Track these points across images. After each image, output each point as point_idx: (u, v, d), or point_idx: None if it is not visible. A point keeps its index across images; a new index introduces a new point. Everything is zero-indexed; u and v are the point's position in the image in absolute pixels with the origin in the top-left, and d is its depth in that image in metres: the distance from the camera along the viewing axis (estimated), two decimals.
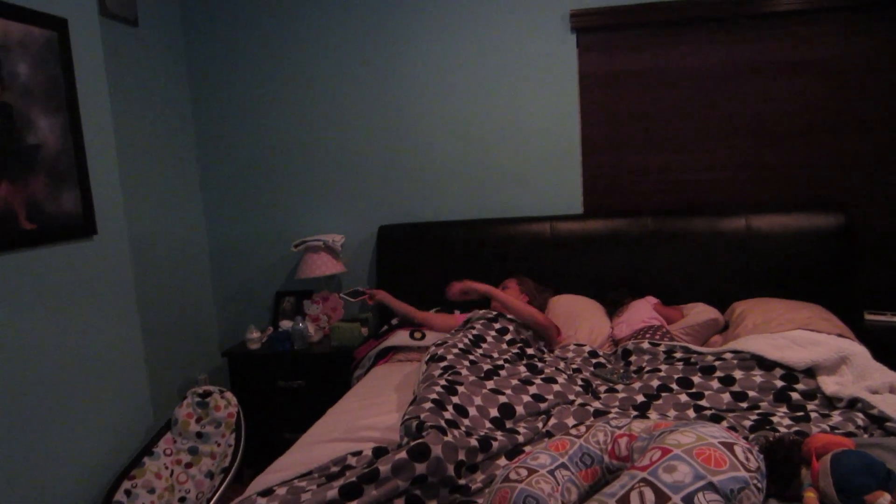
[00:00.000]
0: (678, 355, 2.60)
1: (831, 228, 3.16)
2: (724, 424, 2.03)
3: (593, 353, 2.89)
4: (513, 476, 1.59)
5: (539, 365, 2.65)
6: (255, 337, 3.59)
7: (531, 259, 3.48)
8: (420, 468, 1.75)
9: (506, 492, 1.54)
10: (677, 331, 2.99)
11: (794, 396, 2.21)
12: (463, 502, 1.76)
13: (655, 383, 2.41)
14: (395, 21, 3.67)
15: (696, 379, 2.39)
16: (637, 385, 2.45)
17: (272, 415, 3.52)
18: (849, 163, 3.30)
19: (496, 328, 2.89)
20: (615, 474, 1.64)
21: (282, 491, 1.89)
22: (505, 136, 3.64)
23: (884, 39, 3.20)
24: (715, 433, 1.49)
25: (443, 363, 2.47)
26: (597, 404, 2.31)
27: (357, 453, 2.07)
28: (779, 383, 2.27)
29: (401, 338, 3.24)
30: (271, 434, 3.51)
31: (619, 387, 2.48)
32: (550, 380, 2.46)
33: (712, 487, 1.35)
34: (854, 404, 2.09)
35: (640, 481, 1.40)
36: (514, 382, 2.41)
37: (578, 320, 3.21)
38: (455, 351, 2.60)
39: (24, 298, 2.27)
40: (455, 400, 2.18)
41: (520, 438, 2.08)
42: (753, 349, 2.41)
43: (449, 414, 2.08)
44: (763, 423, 2.05)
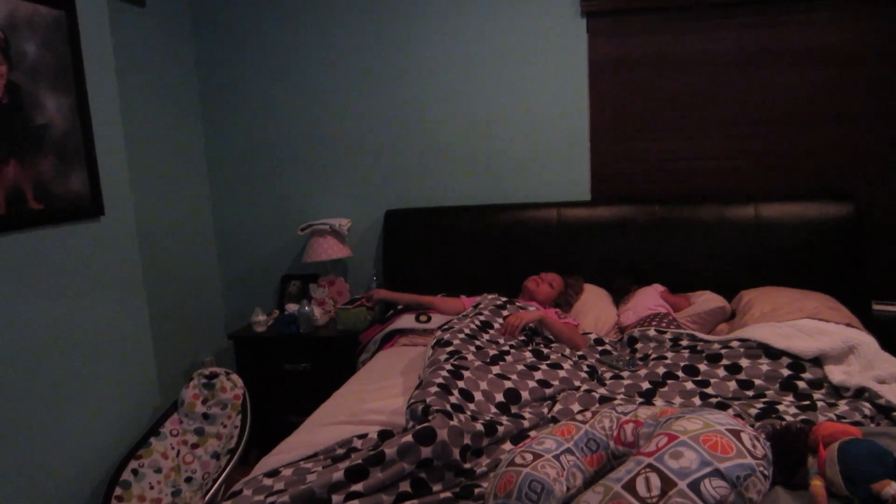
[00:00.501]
0: (684, 343, 2.60)
1: (840, 217, 3.14)
2: (730, 412, 2.03)
3: (599, 341, 2.89)
4: (518, 460, 1.59)
5: (545, 351, 2.65)
6: (261, 320, 3.60)
7: (538, 245, 3.47)
8: (426, 452, 1.75)
9: (511, 476, 1.54)
10: (684, 319, 2.98)
11: (801, 385, 2.21)
12: (468, 486, 1.76)
13: (661, 370, 2.41)
14: (403, 6, 3.64)
15: (702, 367, 2.39)
16: (643, 372, 2.44)
17: (278, 397, 3.53)
18: (859, 151, 3.27)
19: (504, 315, 2.89)
20: (620, 460, 1.64)
21: (288, 472, 1.90)
22: (513, 121, 3.63)
23: None
24: (722, 420, 1.48)
25: (449, 348, 2.48)
26: (602, 391, 2.31)
27: (363, 436, 2.07)
28: (785, 372, 2.26)
29: (406, 321, 3.25)
30: (277, 416, 3.53)
31: (625, 374, 2.48)
32: (556, 366, 2.46)
33: (718, 474, 1.35)
34: (861, 394, 2.08)
35: (646, 467, 1.39)
36: (520, 368, 2.41)
37: (584, 308, 3.21)
38: (461, 336, 2.60)
39: (31, 278, 2.27)
40: (461, 384, 2.19)
41: (525, 424, 2.08)
42: (760, 338, 2.41)
43: (454, 398, 2.09)
44: (769, 411, 2.05)
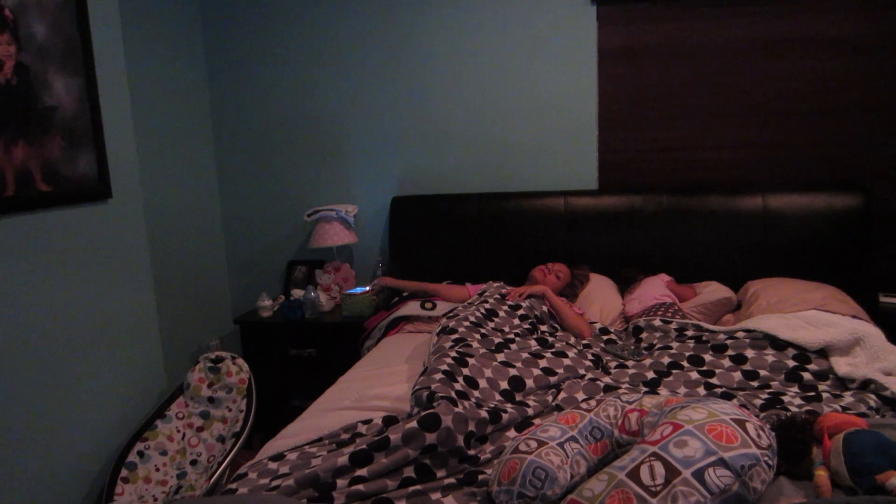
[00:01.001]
0: (690, 333, 2.60)
1: (849, 209, 3.13)
2: (735, 402, 2.03)
3: (604, 330, 2.89)
4: (522, 447, 1.59)
5: (549, 339, 2.65)
6: (266, 305, 3.61)
7: (545, 234, 3.47)
8: (430, 438, 1.76)
9: (515, 462, 1.55)
10: (689, 309, 2.98)
11: (806, 376, 2.20)
12: (471, 472, 1.77)
13: (666, 360, 2.41)
14: None
15: (708, 357, 2.39)
16: (648, 362, 2.44)
17: (282, 382, 3.55)
18: (869, 142, 3.25)
19: (509, 303, 2.89)
20: (625, 448, 1.64)
21: (292, 456, 1.91)
22: (521, 109, 3.61)
23: None
24: (727, 410, 1.49)
25: (454, 335, 2.48)
26: (607, 379, 2.31)
27: (367, 422, 2.08)
28: (791, 363, 2.26)
29: (412, 308, 3.25)
30: (281, 401, 3.54)
31: (630, 363, 2.48)
32: (561, 354, 2.47)
33: (723, 463, 1.35)
34: (867, 385, 2.08)
35: (651, 455, 1.40)
36: (525, 356, 2.41)
37: (590, 297, 3.21)
38: (466, 324, 2.60)
39: (38, 260, 2.28)
40: (465, 371, 2.19)
41: (529, 411, 2.08)
42: (766, 328, 2.40)
43: (459, 385, 2.09)
44: (774, 402, 2.05)
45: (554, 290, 3.13)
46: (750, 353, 2.34)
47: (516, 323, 2.78)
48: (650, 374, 2.33)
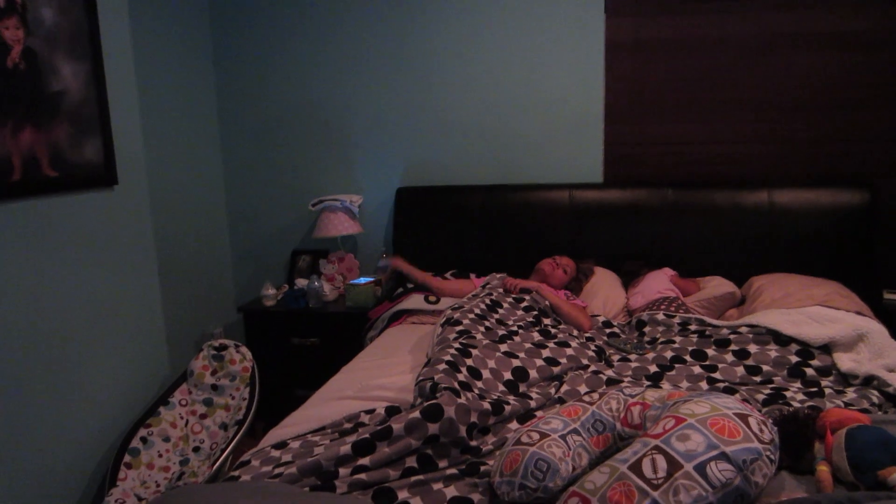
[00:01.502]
0: (693, 327, 2.60)
1: (854, 205, 3.12)
2: (738, 397, 2.03)
3: (607, 323, 2.89)
4: (524, 439, 1.60)
5: (552, 331, 2.66)
6: (270, 294, 3.61)
7: (549, 227, 3.46)
8: (433, 428, 1.76)
9: (517, 454, 1.55)
10: (693, 303, 2.97)
11: (809, 372, 2.20)
12: (473, 463, 1.77)
13: (669, 354, 2.41)
14: None
15: (711, 351, 2.39)
16: (650, 355, 2.44)
17: (286, 371, 3.56)
18: (876, 139, 3.24)
19: (513, 295, 2.90)
20: (627, 441, 1.64)
21: (295, 444, 1.92)
22: (527, 101, 3.60)
23: None
24: (730, 404, 1.49)
25: (458, 327, 2.48)
26: (610, 372, 2.32)
27: (370, 411, 2.09)
28: (794, 359, 2.26)
29: (415, 301, 3.25)
30: (284, 390, 3.55)
31: (632, 356, 2.48)
32: (563, 344, 2.47)
33: (725, 457, 1.35)
34: (869, 382, 2.08)
35: (653, 449, 1.40)
36: (528, 346, 2.42)
37: (593, 290, 3.21)
38: (471, 316, 2.61)
39: (44, 245, 2.28)
40: (469, 362, 2.20)
41: (532, 403, 2.09)
42: (769, 324, 2.40)
43: (462, 376, 2.10)
44: (776, 397, 2.05)
45: (560, 285, 3.13)
46: (753, 348, 2.34)
47: (520, 314, 2.79)
48: (653, 368, 2.33)
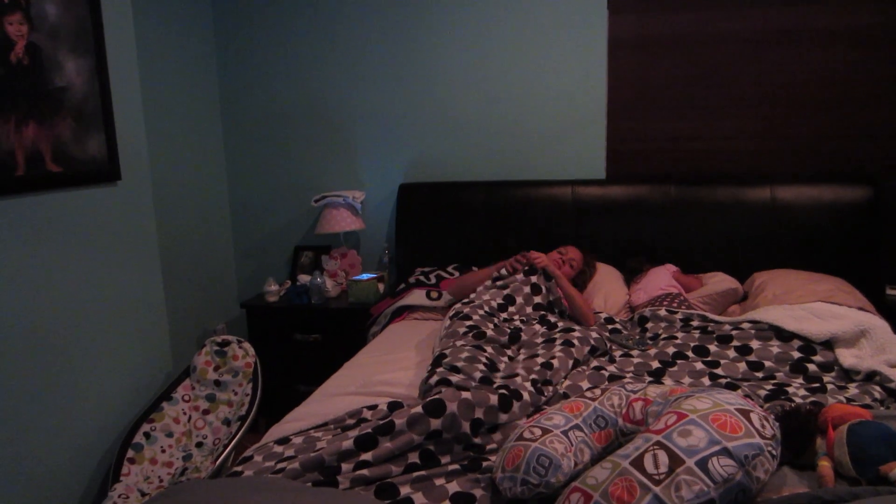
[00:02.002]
0: (695, 323, 2.60)
1: (857, 201, 3.11)
2: (740, 393, 2.03)
3: (609, 320, 2.89)
4: (527, 435, 1.60)
5: (558, 325, 2.66)
6: (273, 290, 3.62)
7: (552, 223, 3.46)
8: (435, 423, 1.76)
9: (519, 450, 1.55)
10: (695, 299, 2.97)
11: (811, 368, 2.21)
12: (475, 459, 1.77)
13: (671, 350, 2.41)
14: None
15: (713, 347, 2.39)
16: (652, 351, 2.45)
17: (288, 366, 3.56)
18: (878, 135, 3.23)
19: (525, 291, 2.88)
20: (629, 437, 1.65)
21: (298, 440, 1.92)
22: (530, 97, 3.60)
23: None
24: (731, 400, 1.49)
25: (468, 322, 2.51)
26: (612, 368, 2.32)
27: (373, 407, 2.09)
28: (796, 354, 2.26)
29: (417, 297, 3.25)
30: (287, 385, 3.56)
31: (635, 352, 2.48)
32: (567, 343, 2.48)
33: (727, 453, 1.36)
34: (872, 377, 2.08)
35: (655, 444, 1.40)
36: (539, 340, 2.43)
37: (595, 286, 3.20)
38: (481, 312, 2.62)
39: (47, 240, 2.29)
40: (483, 359, 2.21)
41: (543, 399, 2.08)
42: (772, 320, 2.40)
43: (480, 372, 2.11)
44: (778, 393, 2.06)
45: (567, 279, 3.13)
46: (755, 343, 2.34)
47: (529, 311, 2.78)
48: (655, 364, 2.33)
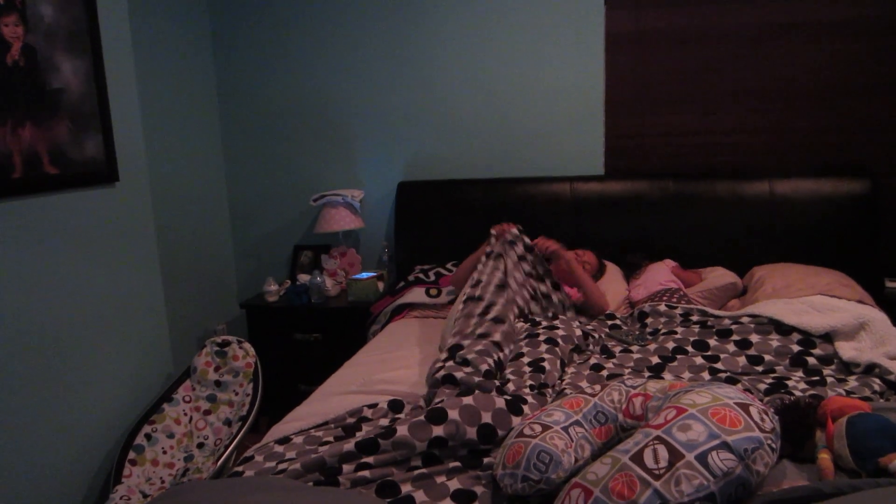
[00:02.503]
0: (695, 318, 2.60)
1: (856, 194, 3.11)
2: (740, 387, 2.03)
3: (609, 315, 2.89)
4: (527, 431, 1.60)
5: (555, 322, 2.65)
6: (272, 289, 3.62)
7: (551, 220, 3.46)
8: (437, 430, 1.73)
9: (520, 447, 1.55)
10: (695, 294, 2.97)
11: (811, 361, 2.20)
12: (476, 456, 1.75)
13: (671, 345, 2.41)
14: None
15: (712, 342, 2.39)
16: (652, 347, 2.45)
17: (289, 366, 3.57)
18: (876, 127, 3.23)
19: (543, 290, 2.84)
20: (629, 432, 1.65)
21: (299, 440, 1.92)
22: (528, 94, 3.60)
23: None
24: (731, 394, 1.49)
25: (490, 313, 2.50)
26: (611, 365, 2.32)
27: (373, 406, 2.09)
28: (795, 348, 2.26)
29: (416, 295, 3.26)
30: (287, 385, 3.56)
31: (634, 348, 2.48)
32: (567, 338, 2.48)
33: (726, 447, 1.36)
34: (871, 370, 2.08)
35: (655, 439, 1.40)
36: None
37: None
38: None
39: (46, 243, 2.29)
40: (498, 356, 2.22)
41: (547, 399, 2.06)
42: (771, 313, 2.40)
43: (486, 366, 2.11)
44: (778, 386, 2.05)
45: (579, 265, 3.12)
46: (755, 337, 2.34)
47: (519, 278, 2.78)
48: (655, 359, 2.33)
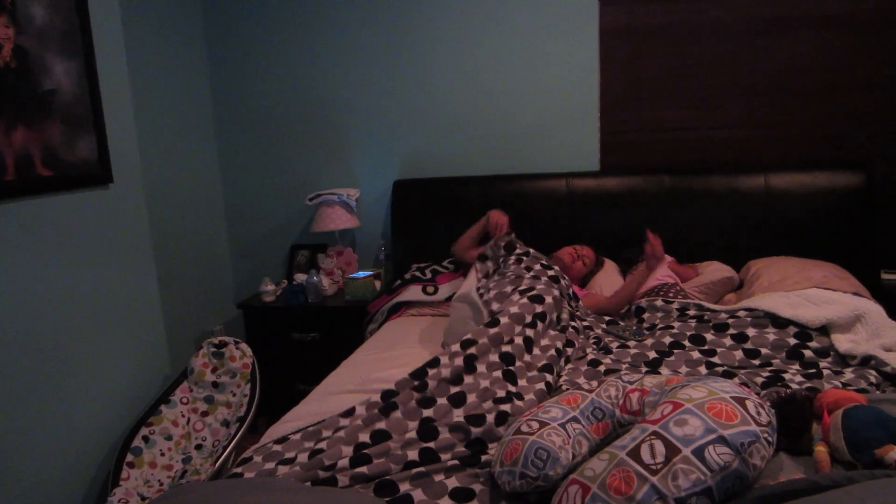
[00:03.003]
0: (691, 313, 2.60)
1: (851, 187, 3.12)
2: (736, 381, 2.03)
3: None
4: (524, 428, 1.60)
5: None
6: (269, 289, 3.62)
7: (547, 216, 3.46)
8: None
9: (517, 443, 1.55)
10: (691, 289, 2.98)
11: (807, 354, 2.21)
12: (474, 453, 1.76)
13: (668, 340, 2.41)
14: None
15: (709, 336, 2.39)
16: (649, 342, 2.45)
17: (286, 366, 3.56)
18: (871, 121, 3.24)
19: (554, 291, 2.63)
20: (626, 428, 1.65)
21: (296, 438, 1.92)
22: (523, 91, 3.59)
23: None
24: (727, 388, 1.49)
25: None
26: (608, 360, 2.32)
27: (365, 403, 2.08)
28: (792, 341, 2.26)
29: (413, 293, 3.26)
30: (285, 385, 3.56)
31: (631, 343, 2.48)
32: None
33: (723, 441, 1.36)
34: (867, 362, 2.09)
35: (651, 434, 1.40)
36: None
37: (592, 278, 3.20)
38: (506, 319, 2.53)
39: (40, 245, 2.28)
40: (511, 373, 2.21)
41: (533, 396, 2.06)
42: (767, 307, 2.41)
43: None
44: (775, 379, 2.06)
45: (578, 277, 3.11)
46: (751, 331, 2.34)
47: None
48: (652, 354, 2.33)
